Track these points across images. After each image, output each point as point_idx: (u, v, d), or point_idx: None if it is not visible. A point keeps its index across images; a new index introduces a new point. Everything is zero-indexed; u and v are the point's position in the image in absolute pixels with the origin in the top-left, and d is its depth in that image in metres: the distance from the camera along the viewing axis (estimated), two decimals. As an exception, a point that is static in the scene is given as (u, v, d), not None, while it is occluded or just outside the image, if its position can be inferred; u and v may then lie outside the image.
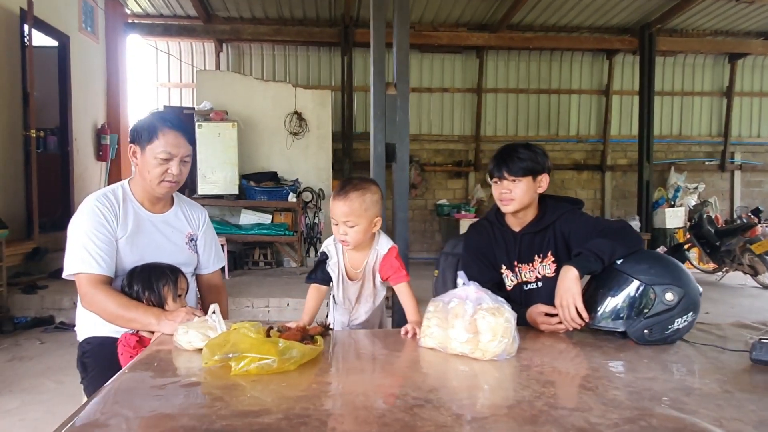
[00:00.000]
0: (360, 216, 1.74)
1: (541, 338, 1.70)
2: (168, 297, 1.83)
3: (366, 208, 1.75)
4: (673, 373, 1.41)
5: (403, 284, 1.79)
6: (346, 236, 1.76)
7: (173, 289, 1.84)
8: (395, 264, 1.80)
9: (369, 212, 1.75)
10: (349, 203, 1.73)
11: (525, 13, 8.46)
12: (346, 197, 1.74)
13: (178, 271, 1.90)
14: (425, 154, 9.57)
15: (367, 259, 1.85)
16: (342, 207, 1.74)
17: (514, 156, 1.93)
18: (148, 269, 1.87)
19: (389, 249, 1.83)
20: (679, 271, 1.66)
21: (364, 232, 1.77)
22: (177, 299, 1.84)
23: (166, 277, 1.85)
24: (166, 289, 1.83)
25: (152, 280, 1.84)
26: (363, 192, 1.76)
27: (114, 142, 7.74)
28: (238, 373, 1.27)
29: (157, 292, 1.82)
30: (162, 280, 1.84)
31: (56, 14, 6.51)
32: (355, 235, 1.75)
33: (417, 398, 1.16)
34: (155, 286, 1.83)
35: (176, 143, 1.91)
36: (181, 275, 1.89)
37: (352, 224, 1.74)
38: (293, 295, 5.49)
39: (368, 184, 1.80)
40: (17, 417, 3.08)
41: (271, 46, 9.18)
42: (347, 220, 1.74)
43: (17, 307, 5.10)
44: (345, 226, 1.75)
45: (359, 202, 1.74)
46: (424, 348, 1.54)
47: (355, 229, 1.75)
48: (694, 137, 10.09)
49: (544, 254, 1.98)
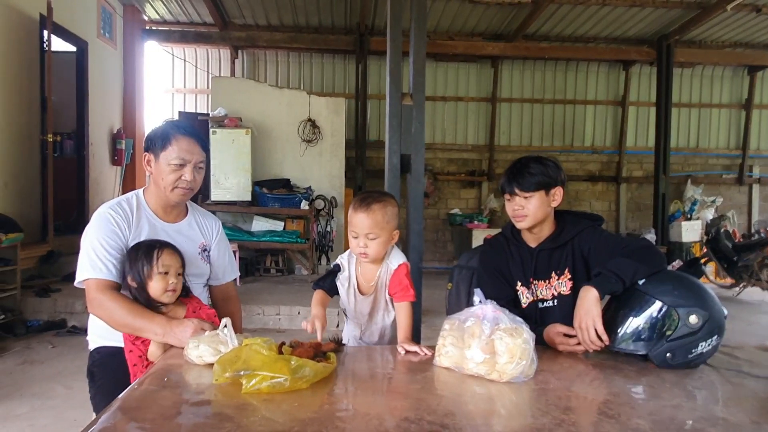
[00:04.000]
0: (382, 228, 1.75)
1: (559, 359, 1.66)
2: (148, 281, 1.74)
3: (388, 221, 1.76)
4: (698, 400, 1.36)
5: (406, 303, 1.77)
6: (366, 249, 1.76)
7: (151, 269, 1.74)
8: (404, 282, 1.79)
9: (390, 224, 1.77)
10: (372, 216, 1.74)
11: (541, 23, 8.42)
12: (368, 210, 1.75)
13: (160, 246, 1.80)
14: (438, 163, 9.54)
15: (379, 272, 1.83)
16: (365, 220, 1.74)
17: (525, 171, 1.89)
18: (134, 246, 1.81)
19: (399, 266, 1.81)
20: (704, 293, 1.61)
21: (385, 245, 1.78)
22: (158, 277, 1.74)
23: (145, 257, 1.75)
24: (145, 270, 1.74)
25: (134, 259, 1.77)
26: (384, 204, 1.77)
27: (129, 147, 7.80)
28: (250, 391, 1.24)
29: (137, 274, 1.75)
30: (141, 259, 1.75)
31: (75, 20, 6.59)
32: (375, 248, 1.76)
33: (432, 422, 1.13)
34: (136, 267, 1.75)
35: (190, 149, 1.90)
36: (164, 250, 1.78)
37: (373, 236, 1.75)
38: (304, 303, 5.46)
39: (388, 197, 1.82)
40: (26, 422, 3.08)
41: (286, 53, 9.23)
42: (369, 232, 1.74)
43: (30, 310, 5.13)
44: (366, 239, 1.75)
45: (381, 215, 1.75)
46: (439, 367, 1.50)
47: (376, 242, 1.75)
48: (711, 150, 9.96)
49: (561, 271, 1.93)
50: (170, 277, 1.77)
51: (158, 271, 1.75)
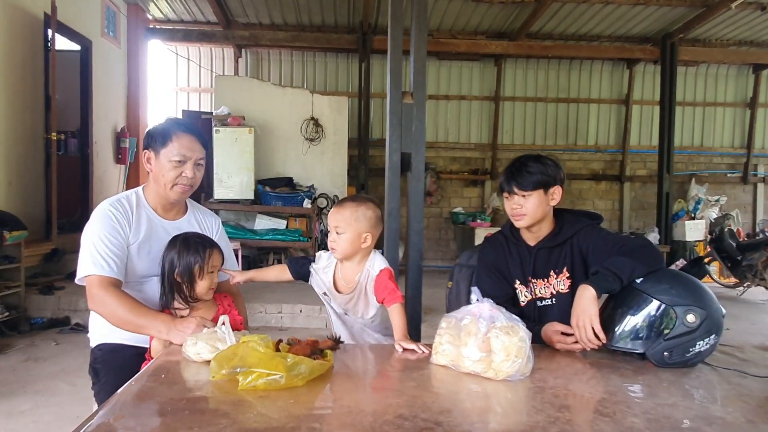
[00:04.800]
0: (348, 225, 1.81)
1: (556, 357, 1.66)
2: (198, 274, 1.78)
3: (356, 219, 1.82)
4: (695, 399, 1.36)
5: (396, 305, 1.78)
6: (334, 243, 1.84)
7: (202, 269, 1.78)
8: (390, 285, 1.80)
9: (358, 224, 1.82)
10: (342, 211, 1.84)
11: (544, 21, 8.40)
12: (341, 206, 1.86)
13: (210, 245, 1.85)
14: (441, 162, 9.53)
15: (359, 276, 1.86)
16: (334, 214, 1.85)
17: (524, 170, 1.89)
18: (184, 241, 1.82)
19: (381, 271, 1.83)
20: (701, 292, 1.61)
21: (351, 243, 1.82)
22: (206, 276, 1.79)
23: (197, 254, 1.78)
24: (197, 268, 1.78)
25: (185, 254, 1.79)
26: (358, 205, 1.85)
27: (133, 146, 7.82)
28: (246, 388, 1.25)
29: (187, 271, 1.77)
30: (193, 256, 1.78)
31: (79, 19, 6.61)
32: (342, 243, 1.83)
33: (427, 420, 1.13)
34: (187, 261, 1.77)
35: (190, 146, 1.91)
36: (215, 250, 1.84)
37: (340, 231, 1.82)
38: (306, 302, 5.47)
39: (367, 202, 1.88)
40: (30, 419, 3.10)
41: (290, 52, 9.23)
42: (337, 225, 1.83)
43: (34, 308, 5.16)
44: (335, 233, 1.84)
45: (350, 212, 1.83)
46: (436, 365, 1.51)
47: (342, 237, 1.83)
48: (716, 149, 9.91)
49: (559, 270, 1.93)
50: (215, 276, 1.84)
51: (208, 270, 1.80)
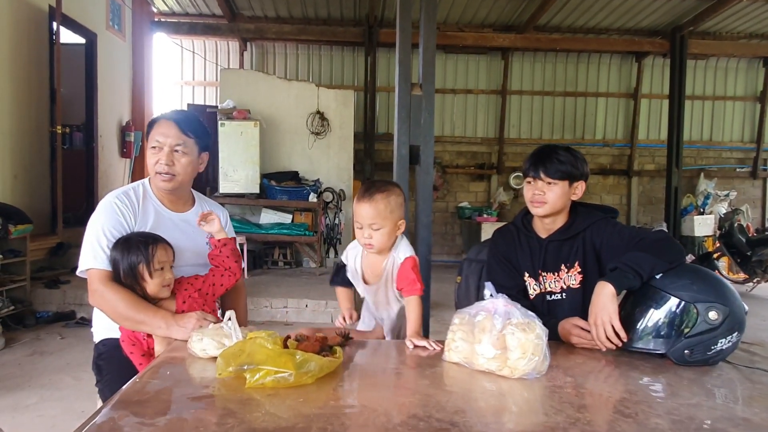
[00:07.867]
0: (385, 218, 1.71)
1: (573, 354, 1.61)
2: (144, 274, 1.70)
3: (391, 210, 1.72)
4: (717, 399, 1.31)
5: (414, 297, 1.71)
6: (370, 239, 1.72)
7: (147, 267, 1.70)
8: (411, 276, 1.72)
9: (394, 214, 1.73)
10: (375, 205, 1.70)
11: (552, 14, 8.30)
12: (371, 199, 1.71)
13: (153, 241, 1.74)
14: (447, 156, 9.46)
15: (385, 263, 1.79)
16: (368, 209, 1.71)
17: (554, 157, 1.82)
18: (125, 241, 1.75)
19: (406, 259, 1.75)
20: (723, 288, 1.55)
21: (389, 235, 1.73)
22: (154, 273, 1.71)
23: (139, 253, 1.70)
24: (141, 267, 1.70)
25: (126, 255, 1.71)
26: (388, 194, 1.73)
27: (138, 140, 7.80)
28: (253, 386, 1.21)
29: (132, 271, 1.70)
30: (135, 255, 1.70)
31: (84, 12, 6.58)
32: (379, 238, 1.72)
33: (441, 420, 1.09)
34: (129, 261, 1.70)
35: (166, 132, 1.87)
36: (158, 245, 1.73)
37: (377, 227, 1.71)
38: (312, 297, 5.44)
39: (392, 187, 1.78)
40: (36, 413, 3.08)
41: (295, 46, 9.17)
42: (373, 222, 1.70)
43: (39, 302, 5.15)
44: (370, 229, 1.71)
45: (384, 204, 1.71)
46: (448, 362, 1.46)
47: (380, 232, 1.71)
48: (725, 143, 9.80)
49: (571, 264, 1.88)
50: (165, 272, 1.73)
51: (155, 267, 1.71)
